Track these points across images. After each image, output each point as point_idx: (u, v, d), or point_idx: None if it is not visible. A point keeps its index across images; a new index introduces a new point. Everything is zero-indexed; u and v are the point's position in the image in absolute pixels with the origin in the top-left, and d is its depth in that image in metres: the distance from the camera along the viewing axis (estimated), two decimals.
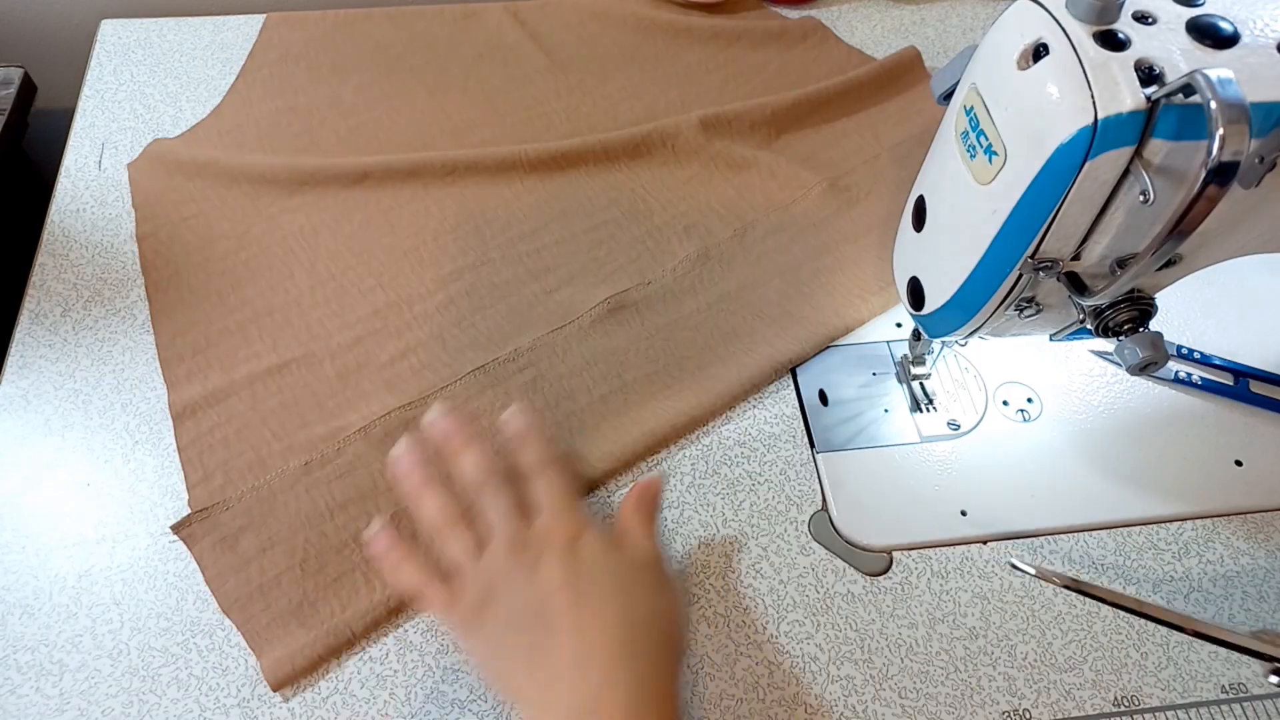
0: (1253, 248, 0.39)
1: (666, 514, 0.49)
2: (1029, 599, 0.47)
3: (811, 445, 0.52)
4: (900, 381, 0.54)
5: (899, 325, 0.57)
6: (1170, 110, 0.31)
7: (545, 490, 0.42)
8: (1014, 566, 0.47)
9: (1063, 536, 0.49)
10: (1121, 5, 0.33)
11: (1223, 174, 0.29)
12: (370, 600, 0.44)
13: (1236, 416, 0.53)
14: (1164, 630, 0.45)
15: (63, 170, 0.62)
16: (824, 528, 0.48)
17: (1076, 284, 0.39)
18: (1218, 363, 0.55)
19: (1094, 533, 0.49)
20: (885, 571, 0.47)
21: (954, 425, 0.53)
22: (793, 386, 0.54)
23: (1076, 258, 0.37)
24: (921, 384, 0.54)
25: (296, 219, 0.58)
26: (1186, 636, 0.45)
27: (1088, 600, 0.46)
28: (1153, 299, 0.39)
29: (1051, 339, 0.45)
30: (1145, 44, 0.33)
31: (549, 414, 0.51)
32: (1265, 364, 0.55)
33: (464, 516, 0.42)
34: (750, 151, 0.62)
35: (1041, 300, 0.41)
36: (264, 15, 0.72)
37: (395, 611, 0.44)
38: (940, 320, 0.44)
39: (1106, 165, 0.33)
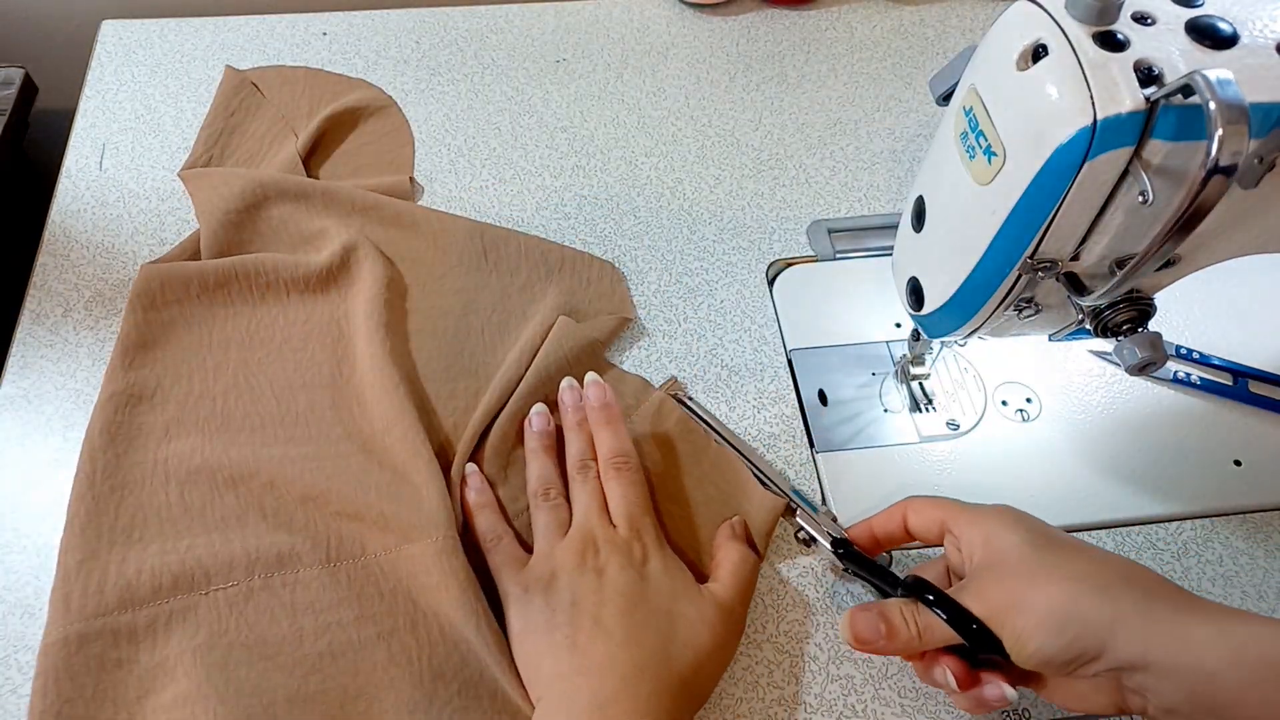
0: (1252, 248, 0.39)
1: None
2: None
3: (811, 445, 0.52)
4: (899, 381, 0.54)
5: (898, 325, 0.57)
6: (1169, 111, 0.31)
7: (621, 495, 0.45)
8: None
9: None
10: (1121, 6, 0.33)
11: (1222, 175, 0.29)
12: None
13: (1235, 416, 0.53)
14: None
15: (64, 171, 0.62)
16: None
17: (1075, 284, 0.39)
18: (1217, 363, 0.55)
19: (1093, 532, 0.49)
20: None
21: (953, 425, 0.53)
22: (792, 386, 0.54)
23: (1075, 258, 0.38)
24: (921, 384, 0.54)
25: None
26: None
27: None
28: (1152, 299, 0.39)
29: (1051, 339, 0.45)
30: (1144, 45, 0.33)
31: None
32: (1264, 364, 0.55)
33: (564, 491, 0.47)
34: None
35: (1041, 300, 0.41)
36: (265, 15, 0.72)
37: None
38: (940, 320, 0.44)
39: (1105, 166, 0.33)
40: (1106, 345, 0.55)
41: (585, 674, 0.39)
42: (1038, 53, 0.34)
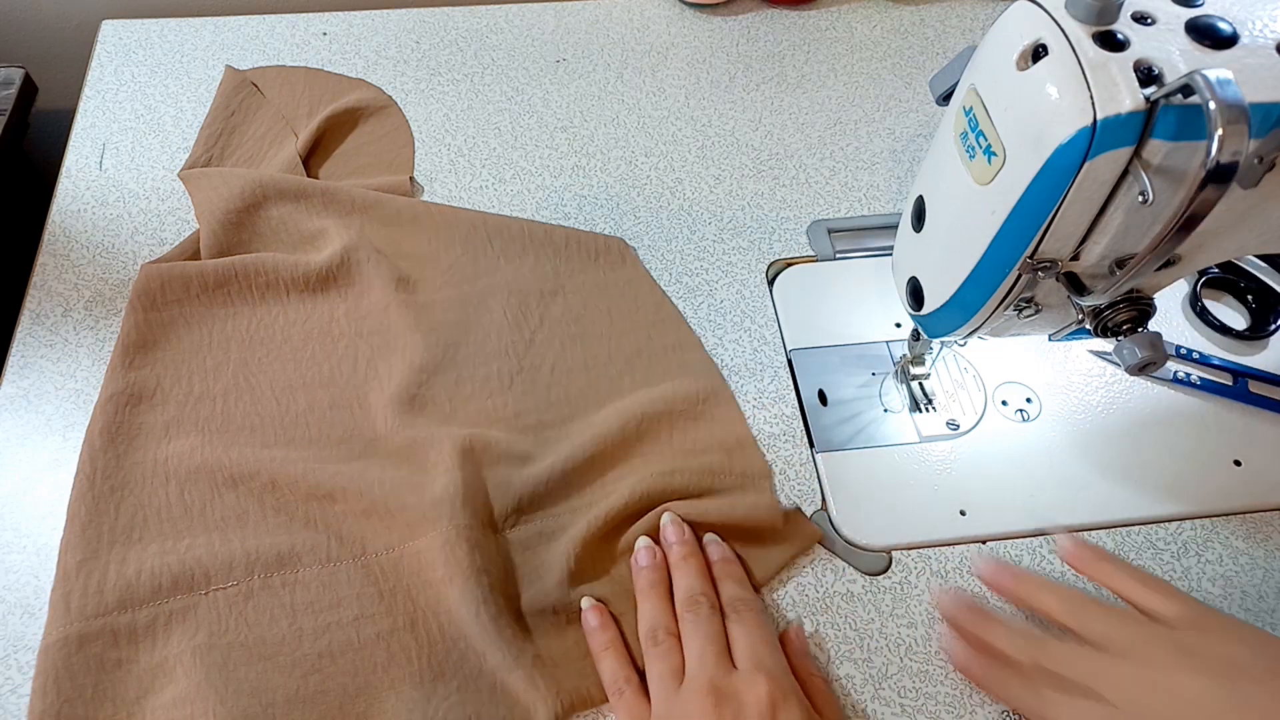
0: (1252, 248, 0.39)
1: None
2: None
3: (811, 445, 0.52)
4: (899, 381, 0.54)
5: (898, 325, 0.57)
6: (1169, 111, 0.31)
7: (745, 636, 0.42)
8: None
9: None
10: (1120, 6, 0.33)
11: (1221, 174, 0.29)
12: None
13: (1235, 416, 0.53)
14: None
15: (64, 170, 0.62)
16: (823, 527, 0.48)
17: (1075, 284, 0.39)
18: (1216, 363, 0.55)
19: (1093, 532, 0.49)
20: (885, 571, 0.47)
21: (953, 425, 0.53)
22: (792, 386, 0.54)
23: (1075, 258, 0.38)
24: (921, 384, 0.54)
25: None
26: None
27: None
28: (1151, 299, 0.39)
29: (1050, 339, 0.46)
30: (1144, 44, 0.33)
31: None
32: (1264, 364, 0.55)
33: (676, 632, 0.43)
34: None
35: (1040, 300, 0.41)
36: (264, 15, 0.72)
37: None
38: (940, 320, 0.44)
39: (1105, 166, 0.33)
40: (1106, 345, 0.55)
41: None
42: (1038, 53, 0.34)
